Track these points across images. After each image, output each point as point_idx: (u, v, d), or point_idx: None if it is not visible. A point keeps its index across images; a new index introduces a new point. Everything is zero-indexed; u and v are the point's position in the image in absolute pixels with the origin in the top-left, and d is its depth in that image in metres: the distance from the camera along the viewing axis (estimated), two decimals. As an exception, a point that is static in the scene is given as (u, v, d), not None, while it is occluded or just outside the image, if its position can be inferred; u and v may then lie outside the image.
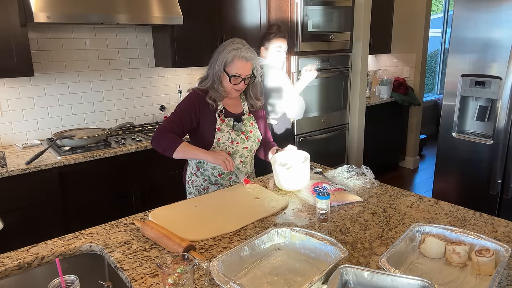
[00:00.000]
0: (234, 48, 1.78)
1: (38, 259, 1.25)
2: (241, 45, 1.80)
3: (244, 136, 1.91)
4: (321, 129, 3.75)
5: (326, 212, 1.45)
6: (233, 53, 1.77)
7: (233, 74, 1.79)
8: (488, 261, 1.10)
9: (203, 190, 1.97)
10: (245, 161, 1.96)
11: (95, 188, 2.48)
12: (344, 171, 1.98)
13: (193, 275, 1.07)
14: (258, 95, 1.98)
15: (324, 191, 1.49)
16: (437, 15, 6.32)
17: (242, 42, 1.83)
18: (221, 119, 1.86)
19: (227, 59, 1.78)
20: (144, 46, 3.15)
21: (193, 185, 1.99)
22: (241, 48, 1.79)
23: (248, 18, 3.32)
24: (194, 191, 1.99)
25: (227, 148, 1.87)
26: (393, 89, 4.63)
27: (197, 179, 1.97)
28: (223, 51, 1.80)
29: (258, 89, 1.96)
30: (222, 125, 1.86)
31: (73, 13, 2.32)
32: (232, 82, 1.81)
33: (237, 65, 1.78)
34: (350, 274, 1.04)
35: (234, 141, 1.88)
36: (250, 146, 1.94)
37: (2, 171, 2.13)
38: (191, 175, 1.99)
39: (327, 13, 3.48)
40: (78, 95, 2.90)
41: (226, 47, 1.80)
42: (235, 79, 1.80)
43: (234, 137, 1.88)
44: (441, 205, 1.58)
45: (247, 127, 1.93)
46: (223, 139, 1.85)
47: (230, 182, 1.95)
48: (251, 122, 1.95)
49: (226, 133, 1.86)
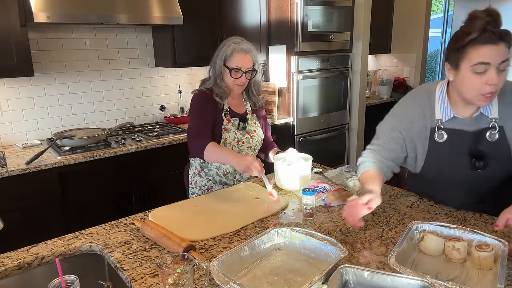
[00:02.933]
0: (233, 42, 1.82)
1: (38, 259, 1.25)
2: (240, 40, 1.84)
3: (249, 135, 1.92)
4: (321, 129, 3.75)
5: (311, 207, 1.48)
6: (232, 46, 1.81)
7: (233, 67, 1.80)
8: (489, 256, 1.12)
9: (207, 191, 1.95)
10: None
11: (95, 188, 2.48)
12: (344, 171, 1.98)
13: (193, 275, 1.07)
14: (260, 92, 1.99)
15: (314, 188, 1.52)
16: (437, 15, 6.32)
17: (240, 38, 1.86)
18: (227, 119, 1.87)
19: (226, 53, 1.81)
20: (144, 46, 3.15)
21: (196, 186, 1.98)
22: (240, 42, 1.82)
23: (248, 18, 3.32)
24: (198, 192, 1.97)
25: (233, 148, 1.88)
26: (393, 89, 4.63)
27: (201, 179, 1.96)
28: (222, 47, 1.84)
29: (259, 86, 1.98)
30: (228, 125, 1.87)
31: (73, 13, 2.32)
32: (233, 76, 1.81)
33: (237, 58, 1.80)
34: (350, 274, 1.05)
35: (240, 140, 1.89)
36: (255, 145, 1.95)
37: (2, 171, 2.12)
38: (194, 175, 1.98)
39: (327, 13, 3.48)
40: (78, 95, 2.90)
41: (226, 43, 1.85)
42: (236, 73, 1.81)
43: (240, 136, 1.89)
44: (441, 205, 1.57)
45: (251, 126, 1.94)
46: (229, 139, 1.86)
47: (235, 182, 1.95)
48: (254, 122, 1.97)
49: (232, 133, 1.87)
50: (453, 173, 1.45)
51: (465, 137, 1.40)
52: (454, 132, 1.41)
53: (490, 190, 1.46)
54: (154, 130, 2.96)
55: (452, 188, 1.50)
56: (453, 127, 1.41)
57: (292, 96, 3.48)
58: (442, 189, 1.54)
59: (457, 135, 1.41)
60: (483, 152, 1.37)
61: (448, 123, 1.42)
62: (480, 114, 1.37)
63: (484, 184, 1.44)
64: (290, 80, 3.46)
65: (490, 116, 1.36)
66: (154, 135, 2.80)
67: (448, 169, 1.46)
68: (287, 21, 3.37)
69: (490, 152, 1.37)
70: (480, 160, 1.37)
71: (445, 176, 1.49)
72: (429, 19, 4.64)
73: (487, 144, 1.37)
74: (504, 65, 1.23)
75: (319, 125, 3.73)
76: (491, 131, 1.36)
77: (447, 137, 1.41)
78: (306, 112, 3.58)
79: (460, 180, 1.46)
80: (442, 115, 1.42)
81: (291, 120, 3.51)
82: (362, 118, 4.06)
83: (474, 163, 1.38)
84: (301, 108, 3.52)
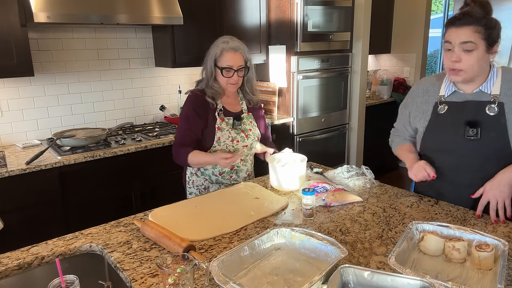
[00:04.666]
0: (221, 42, 1.83)
1: (38, 259, 1.25)
2: (229, 39, 1.84)
3: (244, 134, 1.92)
4: (321, 129, 3.75)
5: (311, 208, 1.48)
6: (221, 46, 1.81)
7: (224, 67, 1.81)
8: (489, 256, 1.12)
9: (204, 190, 1.97)
10: (245, 159, 1.97)
11: (95, 188, 2.48)
12: (344, 171, 1.98)
13: (193, 275, 1.07)
14: (254, 90, 1.99)
15: (315, 189, 1.53)
16: (437, 15, 6.32)
17: (230, 37, 1.86)
18: (220, 118, 1.88)
19: (216, 53, 1.82)
20: (144, 46, 3.15)
21: (193, 185, 2.00)
22: (229, 41, 1.82)
23: (248, 18, 3.32)
24: (195, 191, 2.00)
25: (228, 147, 1.88)
26: (393, 89, 4.63)
27: (198, 178, 1.98)
28: (212, 48, 1.85)
29: (253, 84, 1.97)
30: (222, 124, 1.87)
31: (73, 13, 2.32)
32: (225, 75, 1.82)
33: (227, 57, 1.80)
34: (350, 274, 1.05)
35: (234, 139, 1.89)
36: (250, 144, 1.95)
37: (2, 171, 2.13)
38: (191, 175, 2.00)
39: (327, 13, 3.48)
40: (78, 95, 2.90)
41: (215, 43, 1.86)
42: (228, 72, 1.82)
43: (234, 135, 1.89)
44: (441, 205, 1.57)
45: (246, 125, 1.94)
46: (223, 138, 1.87)
47: (231, 181, 1.95)
48: (250, 121, 1.97)
49: (226, 132, 1.87)
50: (448, 144, 1.54)
51: (464, 108, 1.51)
52: (455, 104, 1.53)
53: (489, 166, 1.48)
54: (154, 130, 2.96)
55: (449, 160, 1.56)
56: (454, 100, 1.54)
57: (292, 96, 3.48)
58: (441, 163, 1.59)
59: (457, 107, 1.53)
60: (478, 121, 1.47)
61: (450, 97, 1.54)
62: (480, 91, 1.48)
63: (480, 156, 1.49)
64: (290, 80, 3.46)
65: (491, 93, 1.46)
66: (154, 135, 2.80)
67: (444, 139, 1.55)
68: (287, 21, 3.37)
69: (486, 124, 1.46)
70: (474, 127, 1.46)
71: (442, 147, 1.57)
72: (429, 19, 4.64)
73: (485, 116, 1.46)
74: (467, 46, 1.38)
75: (319, 125, 3.73)
76: (490, 104, 1.45)
77: (448, 109, 1.55)
78: (306, 112, 3.58)
79: (456, 148, 1.53)
80: (445, 91, 1.55)
81: (291, 120, 3.51)
82: (362, 118, 4.06)
83: (468, 130, 1.48)
84: (301, 108, 3.52)
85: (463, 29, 1.38)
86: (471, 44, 1.38)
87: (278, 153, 1.88)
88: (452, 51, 1.41)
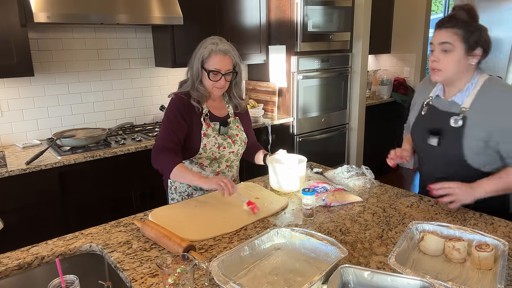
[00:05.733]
0: (210, 43, 1.72)
1: (38, 259, 1.25)
2: (218, 40, 1.73)
3: (230, 140, 1.84)
4: (321, 129, 3.75)
5: (311, 208, 1.48)
6: (210, 47, 1.71)
7: (211, 70, 1.71)
8: (489, 256, 1.12)
9: (187, 196, 1.86)
10: (231, 165, 1.90)
11: (95, 188, 2.48)
12: (344, 171, 1.98)
13: (193, 275, 1.08)
14: (242, 95, 1.92)
15: (315, 189, 1.53)
16: (437, 15, 6.32)
17: (220, 38, 1.77)
18: (206, 123, 1.79)
19: (204, 54, 1.72)
20: (144, 46, 3.15)
21: (176, 191, 1.89)
22: (218, 43, 1.72)
23: (248, 18, 3.32)
24: (178, 198, 1.89)
25: (214, 154, 1.80)
26: (393, 89, 4.63)
27: (181, 185, 1.86)
28: (200, 48, 1.74)
29: (241, 88, 1.89)
30: (208, 130, 1.78)
31: (73, 13, 2.32)
32: (212, 78, 1.72)
33: (215, 60, 1.70)
34: (350, 274, 1.05)
35: (220, 146, 1.80)
36: (237, 150, 1.87)
37: (2, 171, 2.13)
38: (173, 181, 1.88)
39: (327, 13, 3.48)
40: (78, 95, 2.90)
41: (203, 43, 1.75)
42: (215, 75, 1.72)
43: (220, 141, 1.80)
44: (441, 205, 1.57)
45: (233, 130, 1.86)
46: (209, 145, 1.78)
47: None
48: (236, 125, 1.89)
49: (212, 138, 1.79)
50: (420, 145, 1.66)
51: (436, 115, 1.58)
52: (433, 109, 1.61)
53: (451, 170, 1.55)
54: (154, 130, 2.96)
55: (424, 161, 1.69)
56: (433, 105, 1.61)
57: (292, 96, 3.48)
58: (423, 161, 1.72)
59: (433, 112, 1.60)
60: (440, 130, 1.54)
61: (433, 101, 1.62)
62: (453, 101, 1.53)
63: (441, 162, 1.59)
64: (290, 80, 3.46)
65: (461, 105, 1.50)
66: (154, 135, 2.80)
67: (418, 141, 1.67)
68: (287, 21, 3.37)
69: (447, 134, 1.53)
70: (435, 135, 1.54)
71: (418, 147, 1.70)
72: (429, 19, 4.64)
73: (448, 127, 1.52)
74: (445, 47, 1.45)
75: (319, 125, 3.73)
76: (456, 117, 1.50)
77: (426, 112, 1.63)
78: (306, 112, 3.58)
79: (423, 149, 1.65)
80: (434, 94, 1.62)
81: (291, 120, 3.51)
82: (362, 118, 4.06)
83: (429, 138, 1.57)
84: (301, 108, 3.52)
85: (443, 31, 1.46)
86: (448, 45, 1.44)
87: (276, 155, 1.86)
88: (433, 51, 1.50)
